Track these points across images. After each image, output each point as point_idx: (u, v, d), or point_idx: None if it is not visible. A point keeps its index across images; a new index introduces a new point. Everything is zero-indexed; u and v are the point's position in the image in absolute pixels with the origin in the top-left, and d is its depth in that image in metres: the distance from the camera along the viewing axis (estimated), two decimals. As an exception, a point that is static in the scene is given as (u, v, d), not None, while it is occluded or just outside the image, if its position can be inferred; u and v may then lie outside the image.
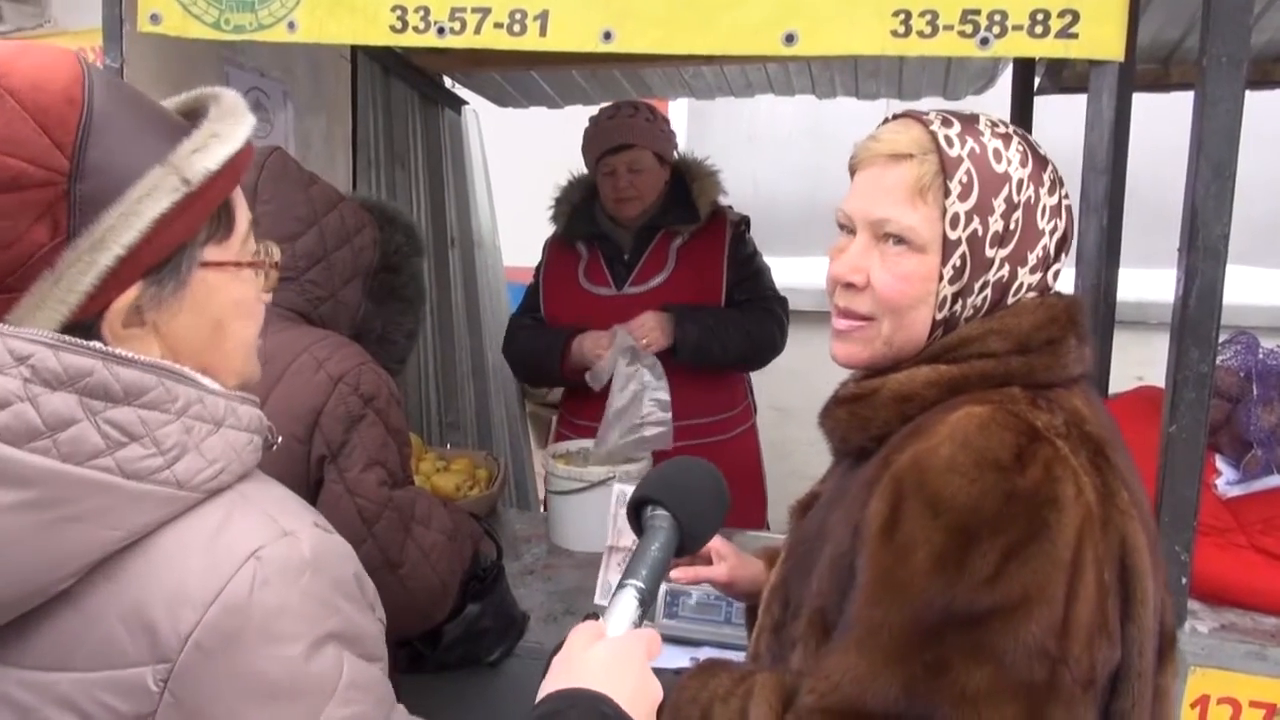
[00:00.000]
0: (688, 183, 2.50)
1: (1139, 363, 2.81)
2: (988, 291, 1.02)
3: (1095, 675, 0.89)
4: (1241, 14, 1.46)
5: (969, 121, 1.05)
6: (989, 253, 1.01)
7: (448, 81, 3.44)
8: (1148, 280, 3.10)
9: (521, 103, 3.58)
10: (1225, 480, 1.70)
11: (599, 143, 2.46)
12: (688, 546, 1.00)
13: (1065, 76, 2.77)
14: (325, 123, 2.58)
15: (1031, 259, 1.03)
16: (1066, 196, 1.07)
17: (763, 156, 4.79)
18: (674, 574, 1.41)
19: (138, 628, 0.76)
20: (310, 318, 1.52)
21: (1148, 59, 2.70)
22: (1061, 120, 2.27)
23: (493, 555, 1.73)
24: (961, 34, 1.53)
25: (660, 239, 2.48)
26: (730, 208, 2.59)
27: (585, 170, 2.61)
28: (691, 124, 4.87)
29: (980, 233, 1.00)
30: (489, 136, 3.86)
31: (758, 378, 2.75)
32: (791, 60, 2.95)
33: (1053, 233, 1.04)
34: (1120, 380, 2.38)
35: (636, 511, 1.02)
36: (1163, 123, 2.07)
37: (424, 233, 3.22)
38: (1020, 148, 1.03)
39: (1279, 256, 3.85)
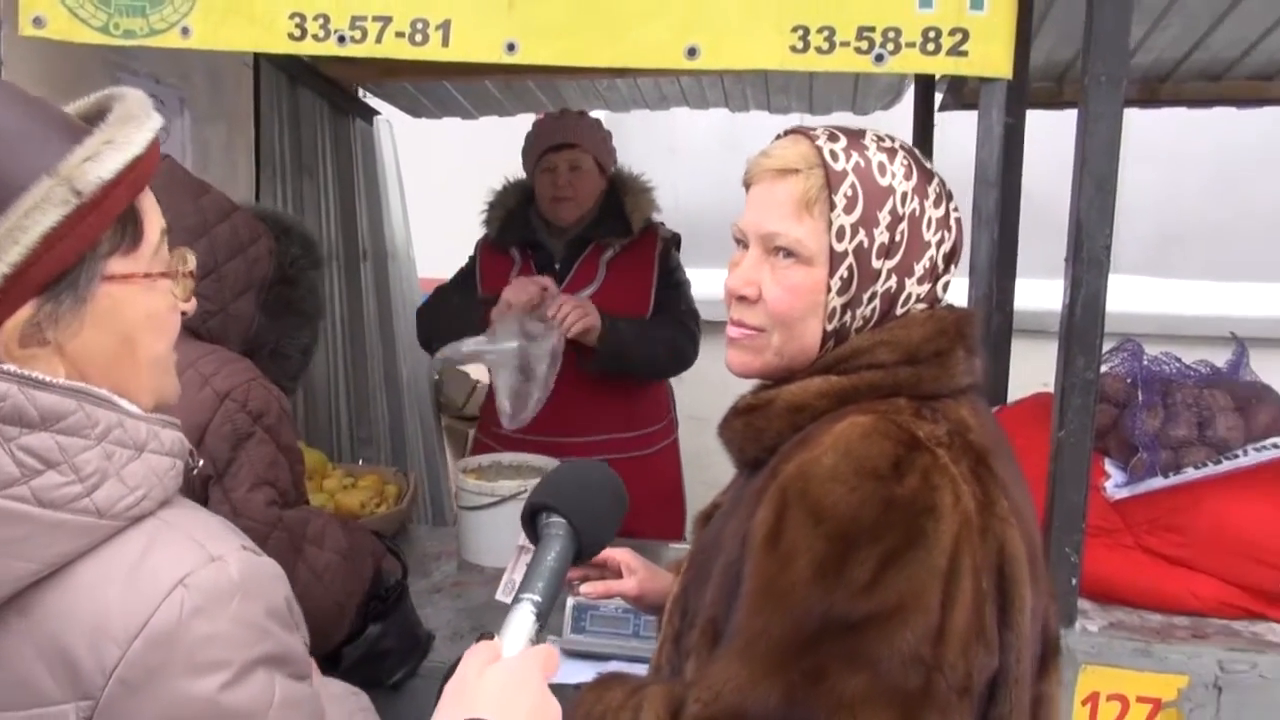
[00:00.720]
0: (621, 196, 2.51)
1: (1040, 370, 2.89)
2: (876, 302, 1.04)
3: (971, 682, 0.91)
4: (1120, 35, 1.52)
5: (855, 136, 1.07)
6: (876, 264, 1.03)
7: (360, 91, 3.39)
8: (1049, 290, 3.21)
9: (435, 113, 3.55)
10: (1113, 483, 1.76)
11: (543, 139, 2.46)
12: (586, 552, 0.99)
13: (965, 93, 2.85)
14: (225, 132, 2.52)
15: (918, 270, 1.05)
16: (956, 210, 1.10)
17: (683, 168, 4.82)
18: (583, 589, 1.40)
19: (58, 664, 0.74)
20: (199, 332, 1.47)
21: (1042, 77, 2.81)
22: (968, 136, 2.32)
23: (397, 574, 1.70)
24: (858, 50, 1.57)
25: (591, 251, 2.48)
26: (663, 224, 2.61)
27: (514, 179, 2.60)
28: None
29: (866, 245, 1.02)
30: (403, 147, 3.81)
31: (677, 388, 2.76)
32: (700, 74, 2.98)
33: (939, 244, 1.07)
34: (1023, 388, 2.45)
35: (532, 519, 1.00)
36: (1067, 138, 2.14)
37: (335, 245, 3.16)
38: (905, 161, 1.06)
39: (1166, 268, 4.02)
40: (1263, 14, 2.30)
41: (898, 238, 1.03)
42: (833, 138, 1.05)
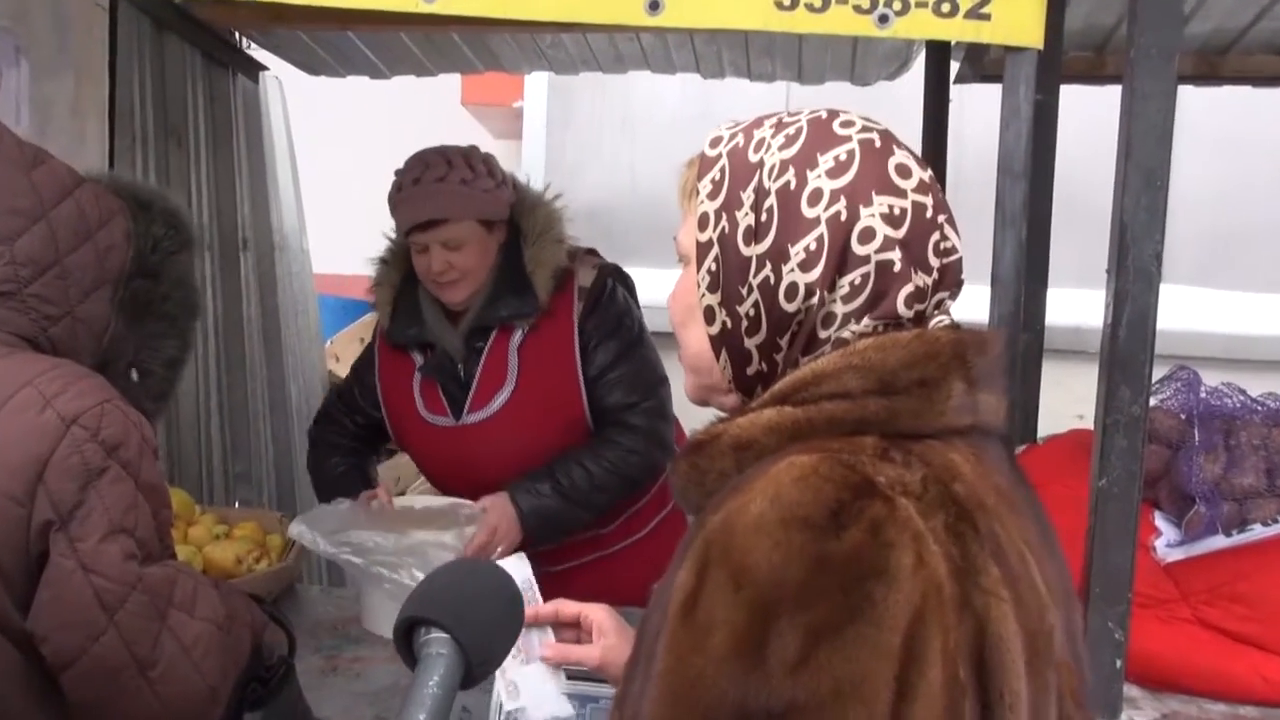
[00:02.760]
0: (521, 248, 2.33)
1: (1080, 399, 2.94)
2: (756, 296, 1.03)
3: None
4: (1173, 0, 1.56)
5: (764, 118, 1.09)
6: (745, 251, 1.03)
7: (242, 41, 3.35)
8: (1082, 302, 3.26)
9: (337, 70, 3.53)
10: (1165, 541, 1.79)
11: (404, 215, 2.29)
12: (475, 673, 0.98)
13: (987, 63, 2.90)
14: (72, 87, 2.48)
15: (795, 253, 1.00)
16: (919, 190, 1.02)
17: (642, 145, 4.84)
18: (542, 652, 1.38)
19: None
20: (38, 342, 1.43)
21: (1080, 45, 2.87)
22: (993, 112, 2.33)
23: (282, 649, 1.67)
24: (857, 9, 1.59)
25: (496, 339, 2.33)
26: (588, 255, 2.42)
27: (396, 236, 2.43)
28: (553, 103, 4.90)
29: (728, 230, 1.04)
30: (296, 111, 3.78)
31: (681, 415, 2.71)
32: (665, 31, 2.99)
33: (841, 223, 0.99)
34: (1060, 420, 2.48)
35: (407, 636, 0.99)
36: (1106, 117, 2.15)
37: (209, 231, 3.13)
38: (797, 129, 1.04)
39: (1222, 278, 4.11)
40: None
41: (764, 217, 1.02)
42: (738, 124, 1.10)
